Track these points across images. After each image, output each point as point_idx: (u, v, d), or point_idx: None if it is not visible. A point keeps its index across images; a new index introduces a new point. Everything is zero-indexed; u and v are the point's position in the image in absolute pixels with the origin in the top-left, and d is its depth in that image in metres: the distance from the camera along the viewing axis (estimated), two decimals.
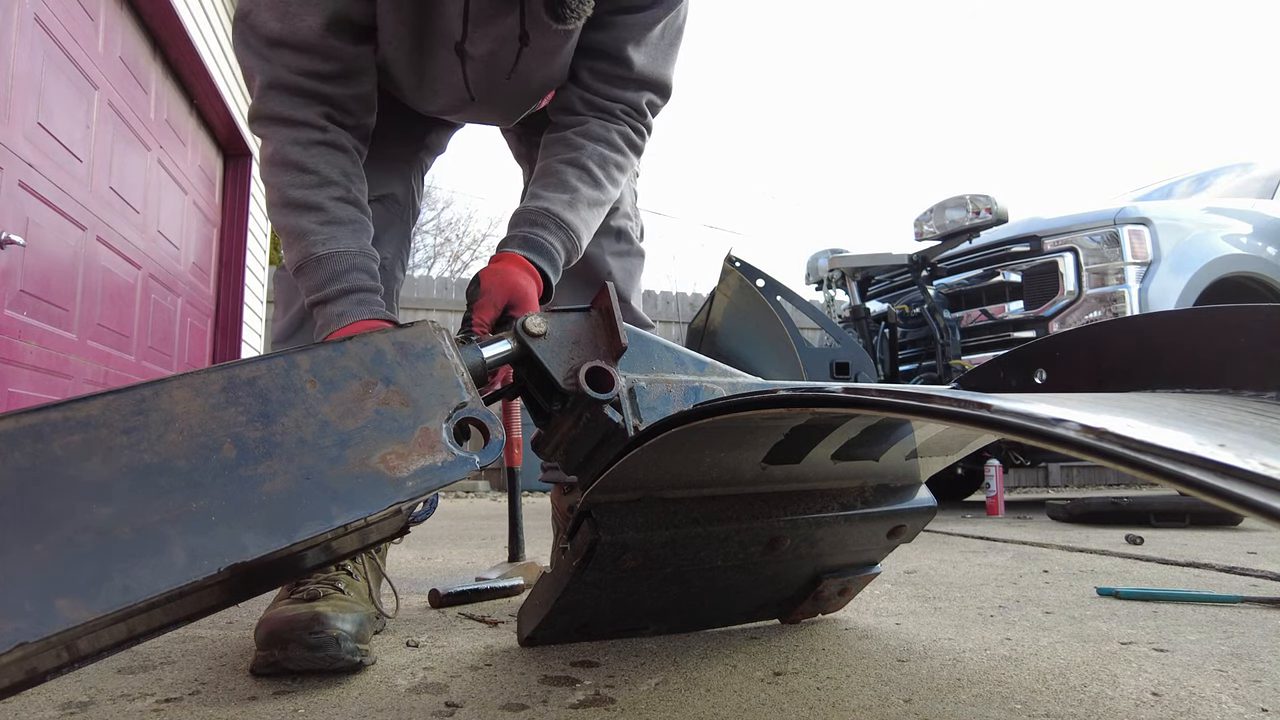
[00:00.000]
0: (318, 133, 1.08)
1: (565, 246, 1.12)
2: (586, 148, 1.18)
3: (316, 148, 1.08)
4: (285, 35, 1.05)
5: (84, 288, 2.95)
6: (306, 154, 1.07)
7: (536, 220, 1.11)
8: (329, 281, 1.04)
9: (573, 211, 1.14)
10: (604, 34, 1.18)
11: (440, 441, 0.65)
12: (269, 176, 1.09)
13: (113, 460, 0.52)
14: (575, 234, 1.14)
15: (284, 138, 1.07)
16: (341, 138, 1.11)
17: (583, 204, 1.15)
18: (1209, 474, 0.32)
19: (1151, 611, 1.27)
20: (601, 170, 1.18)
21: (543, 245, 1.10)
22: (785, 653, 0.99)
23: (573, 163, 1.17)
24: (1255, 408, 0.55)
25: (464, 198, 23.88)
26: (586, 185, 1.16)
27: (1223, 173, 4.58)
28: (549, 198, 1.13)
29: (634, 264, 1.50)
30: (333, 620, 0.88)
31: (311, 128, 1.08)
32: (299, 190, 1.06)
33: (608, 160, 1.19)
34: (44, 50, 2.58)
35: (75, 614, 0.46)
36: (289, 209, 1.07)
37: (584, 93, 1.22)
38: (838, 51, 44.39)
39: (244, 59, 1.09)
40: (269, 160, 1.09)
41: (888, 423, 0.84)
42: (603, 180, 1.19)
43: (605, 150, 1.19)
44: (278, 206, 1.08)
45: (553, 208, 1.12)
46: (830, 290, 4.57)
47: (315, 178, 1.07)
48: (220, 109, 4.37)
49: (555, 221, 1.12)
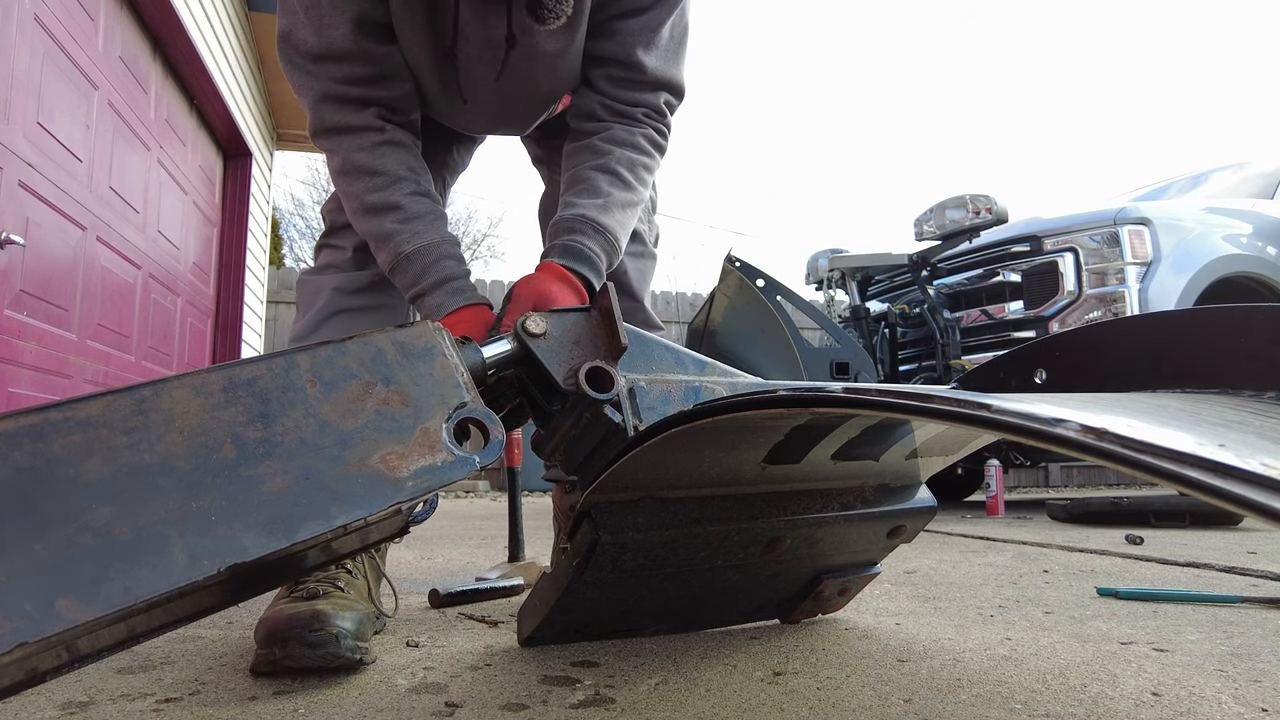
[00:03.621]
0: (377, 134, 1.13)
1: (605, 249, 1.14)
2: (614, 152, 1.20)
3: (381, 149, 1.12)
4: (323, 48, 1.08)
5: (84, 288, 2.95)
6: (373, 157, 1.11)
7: (573, 227, 1.13)
8: (421, 276, 1.09)
9: (608, 215, 1.15)
10: (611, 43, 1.19)
11: (440, 441, 0.65)
12: (344, 186, 1.14)
13: (113, 460, 0.52)
14: (613, 236, 1.15)
15: (349, 146, 1.12)
16: (399, 135, 1.15)
17: (616, 207, 1.17)
18: (1209, 474, 0.32)
19: (1151, 611, 1.27)
20: (630, 172, 1.20)
21: (580, 251, 1.11)
22: (785, 653, 0.99)
23: (602, 168, 1.18)
24: (1255, 408, 0.55)
25: (464, 198, 23.87)
26: (618, 189, 1.18)
27: (1219, 174, 4.58)
28: (583, 204, 1.15)
29: (647, 265, 1.51)
30: (333, 618, 0.88)
31: (370, 131, 1.12)
32: (375, 194, 1.11)
33: (635, 163, 1.21)
34: (44, 50, 2.58)
35: (75, 614, 0.46)
36: (370, 214, 1.11)
37: (603, 99, 1.23)
38: (838, 51, 44.38)
39: (293, 78, 1.13)
40: (339, 171, 1.13)
41: (888, 423, 0.84)
42: (633, 182, 1.20)
43: (632, 153, 1.21)
44: (359, 214, 1.13)
45: (588, 213, 1.14)
46: (830, 290, 4.57)
47: (386, 178, 1.11)
48: (220, 109, 4.36)
49: (592, 226, 1.13)
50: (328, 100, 1.11)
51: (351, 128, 1.11)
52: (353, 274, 1.31)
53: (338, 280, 1.31)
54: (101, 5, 3.04)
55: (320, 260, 1.37)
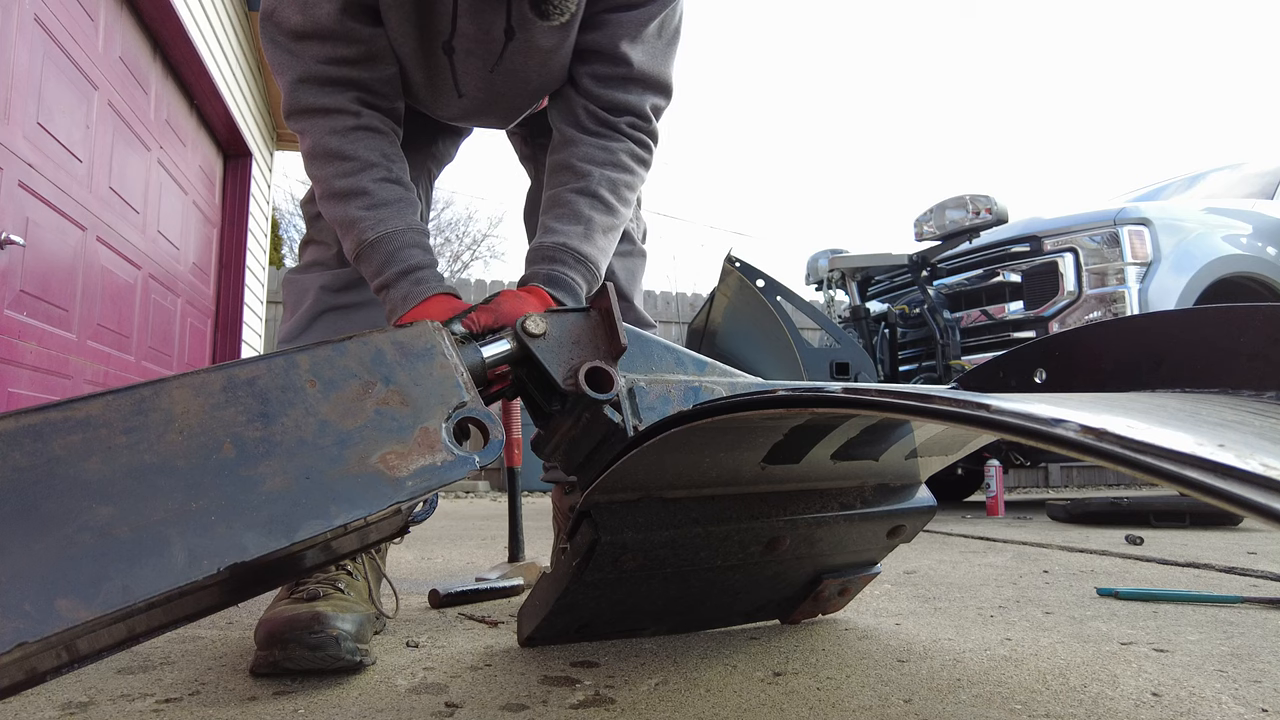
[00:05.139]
0: (352, 118, 1.10)
1: (586, 279, 1.13)
2: (594, 174, 1.17)
3: (353, 133, 1.09)
4: (307, 26, 1.06)
5: (84, 288, 2.95)
6: (344, 141, 1.09)
7: (555, 257, 1.11)
8: (385, 265, 1.06)
9: (589, 243, 1.14)
10: (599, 33, 1.17)
11: (440, 441, 0.65)
12: (313, 170, 1.11)
13: (113, 460, 0.52)
14: (594, 265, 1.14)
15: (321, 129, 1.09)
16: (376, 120, 1.12)
17: (598, 232, 1.15)
18: (1208, 474, 0.32)
19: (1151, 612, 1.27)
20: (613, 194, 1.18)
21: (564, 281, 1.10)
22: (785, 653, 0.99)
23: (583, 191, 1.16)
24: (1255, 408, 0.55)
25: (464, 198, 23.90)
26: (599, 213, 1.16)
27: (1216, 174, 4.57)
28: (564, 231, 1.13)
29: (636, 264, 1.50)
30: (333, 620, 0.88)
31: (345, 114, 1.10)
32: (342, 179, 1.08)
33: (618, 184, 1.19)
34: (44, 50, 2.58)
35: (75, 614, 0.46)
36: (336, 199, 1.09)
37: (586, 101, 1.20)
38: (837, 51, 44.40)
39: (274, 57, 1.11)
40: (309, 154, 1.10)
41: (887, 423, 0.84)
42: (615, 204, 1.19)
43: (613, 173, 1.19)
44: (325, 199, 1.10)
45: (570, 242, 1.12)
46: (830, 290, 4.56)
47: (356, 163, 1.09)
48: (220, 109, 4.36)
49: (574, 255, 1.12)
50: (307, 80, 1.08)
51: (326, 109, 1.09)
52: (339, 271, 1.29)
53: (324, 278, 1.29)
54: (101, 5, 3.04)
55: (305, 257, 1.35)
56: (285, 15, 1.07)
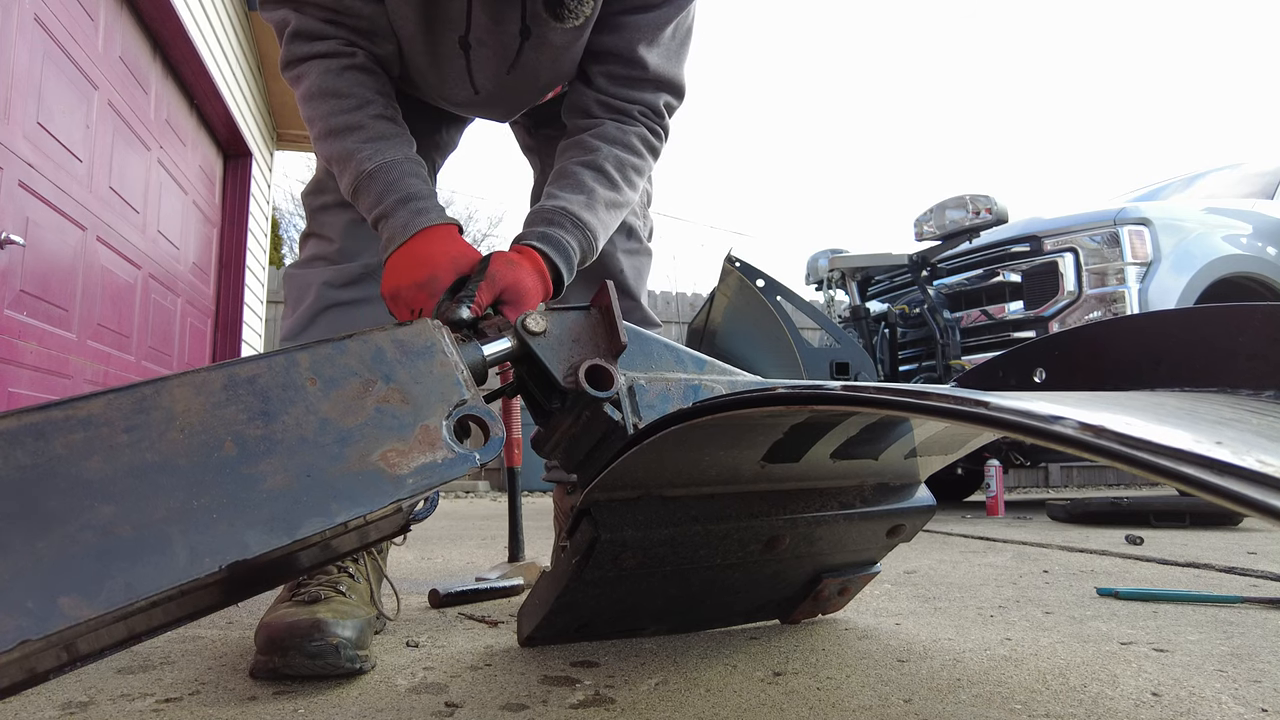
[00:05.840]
0: (347, 59, 1.09)
1: (581, 246, 1.11)
2: (602, 150, 1.17)
3: (349, 72, 1.09)
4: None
5: (84, 288, 2.95)
6: (340, 80, 1.08)
7: (553, 219, 1.10)
8: (384, 194, 1.04)
9: (590, 212, 1.13)
10: (615, 36, 1.17)
11: (440, 439, 0.65)
12: (309, 111, 1.10)
13: (114, 458, 0.52)
14: (592, 233, 1.13)
15: (317, 69, 1.08)
16: (371, 62, 1.12)
17: (600, 205, 1.14)
18: (1206, 471, 0.32)
19: (1151, 611, 1.27)
20: (619, 172, 1.17)
21: (559, 242, 1.09)
22: (785, 653, 0.99)
23: (589, 165, 1.16)
24: (1253, 406, 0.56)
25: (464, 198, 23.88)
26: (603, 187, 1.15)
27: (1216, 174, 4.58)
28: (566, 198, 1.12)
29: (643, 262, 1.50)
30: (333, 627, 0.87)
31: (340, 56, 1.09)
32: (339, 116, 1.07)
33: (625, 163, 1.18)
34: (44, 50, 2.58)
35: (77, 612, 0.47)
36: (332, 136, 1.08)
37: (600, 95, 1.20)
38: (838, 51, 44.41)
39: (272, 14, 1.11)
40: (305, 96, 1.10)
41: (887, 421, 0.84)
42: (620, 182, 1.18)
43: (622, 153, 1.18)
44: (322, 138, 1.09)
45: (570, 207, 1.11)
46: (830, 290, 4.57)
47: (352, 100, 1.08)
48: (220, 109, 4.37)
49: (572, 220, 1.11)
50: (303, 33, 1.08)
51: (321, 54, 1.08)
52: (342, 266, 1.28)
53: (327, 274, 1.28)
54: (101, 5, 3.04)
55: (306, 252, 1.33)
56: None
